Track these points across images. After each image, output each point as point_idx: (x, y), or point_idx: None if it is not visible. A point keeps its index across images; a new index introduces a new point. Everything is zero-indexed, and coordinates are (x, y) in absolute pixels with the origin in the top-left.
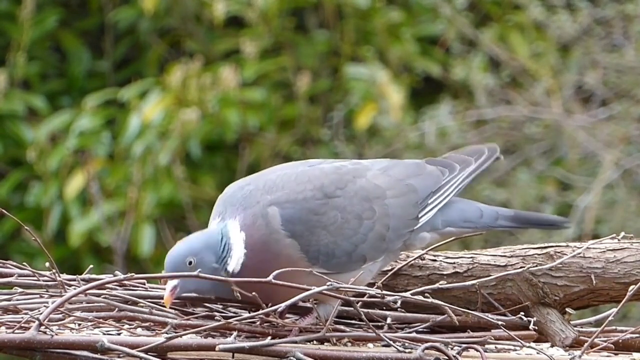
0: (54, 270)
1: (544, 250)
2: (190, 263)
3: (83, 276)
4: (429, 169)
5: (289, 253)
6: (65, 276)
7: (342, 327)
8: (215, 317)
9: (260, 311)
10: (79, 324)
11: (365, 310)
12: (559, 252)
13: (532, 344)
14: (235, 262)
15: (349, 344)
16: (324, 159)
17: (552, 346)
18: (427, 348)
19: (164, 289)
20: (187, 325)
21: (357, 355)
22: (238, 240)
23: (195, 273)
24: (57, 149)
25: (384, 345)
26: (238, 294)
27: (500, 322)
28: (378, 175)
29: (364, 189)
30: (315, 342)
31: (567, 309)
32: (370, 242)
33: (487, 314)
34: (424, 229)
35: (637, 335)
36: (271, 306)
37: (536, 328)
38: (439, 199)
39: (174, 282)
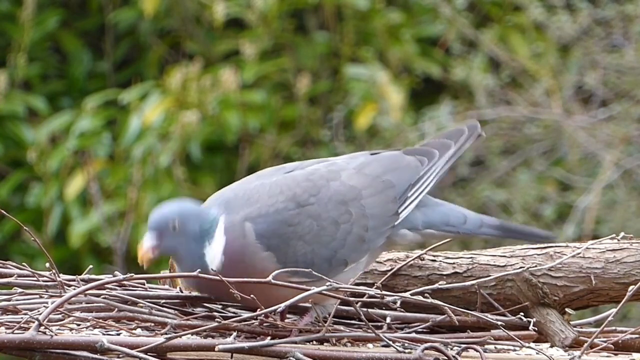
0: (53, 271)
1: (544, 251)
2: (174, 228)
3: (82, 276)
4: (406, 160)
5: (265, 265)
6: (64, 276)
7: (341, 327)
8: (215, 318)
9: (260, 311)
10: (79, 324)
11: (365, 310)
12: (558, 252)
13: (532, 344)
14: (213, 258)
15: (349, 344)
16: (315, 159)
17: (551, 346)
18: (426, 348)
19: (164, 289)
20: (186, 326)
21: (356, 355)
22: (220, 240)
23: (195, 273)
24: (58, 150)
25: (383, 346)
26: (238, 295)
27: (499, 323)
28: (353, 175)
29: (338, 193)
30: (314, 342)
31: (566, 309)
32: (350, 246)
33: (486, 314)
34: (405, 225)
35: (637, 335)
36: (271, 306)
37: (536, 328)
38: (419, 190)
39: (154, 241)
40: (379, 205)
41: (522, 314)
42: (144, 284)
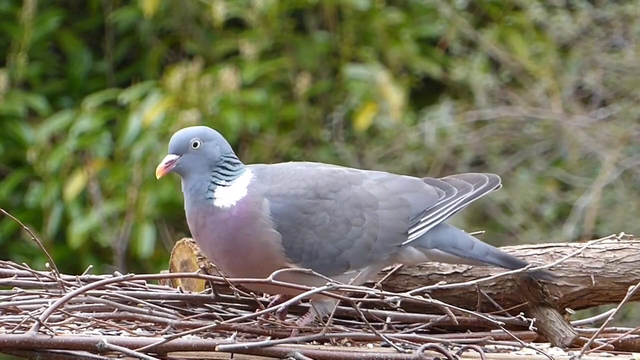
0: (53, 271)
1: (544, 251)
2: (195, 145)
3: (83, 276)
4: (425, 187)
5: (267, 241)
6: (64, 276)
7: (341, 327)
8: (215, 318)
9: (260, 311)
10: (79, 324)
11: (365, 310)
12: (558, 252)
13: (532, 344)
14: (224, 198)
15: (349, 344)
16: (325, 161)
17: (551, 346)
18: (426, 348)
19: (164, 289)
20: (186, 326)
21: (357, 355)
22: (240, 190)
23: (195, 273)
24: (58, 150)
25: (383, 345)
26: (237, 294)
27: (500, 322)
28: (373, 185)
29: (356, 196)
30: (315, 342)
31: (566, 309)
32: (356, 249)
33: (486, 314)
34: (413, 242)
35: (637, 335)
36: (271, 306)
37: (536, 328)
38: (432, 218)
39: (172, 156)
40: (391, 220)
41: (522, 313)
42: (144, 284)
